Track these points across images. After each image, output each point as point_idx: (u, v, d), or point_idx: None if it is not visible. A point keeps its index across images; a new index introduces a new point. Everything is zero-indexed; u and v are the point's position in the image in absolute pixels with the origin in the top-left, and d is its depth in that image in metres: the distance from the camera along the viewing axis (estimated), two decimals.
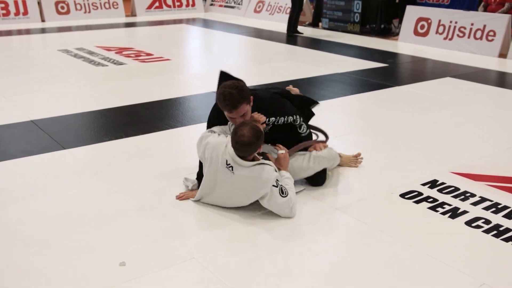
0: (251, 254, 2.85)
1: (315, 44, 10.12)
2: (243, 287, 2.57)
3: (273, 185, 3.13)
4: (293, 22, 10.81)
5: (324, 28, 12.01)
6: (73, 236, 2.99)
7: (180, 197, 3.43)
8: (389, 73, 7.71)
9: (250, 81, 6.99)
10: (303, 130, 3.69)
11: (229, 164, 3.13)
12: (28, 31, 11.30)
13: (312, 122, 4.01)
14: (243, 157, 3.12)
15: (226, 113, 3.26)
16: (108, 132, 4.82)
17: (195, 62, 8.73)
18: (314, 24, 12.49)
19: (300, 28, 11.19)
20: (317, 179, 3.68)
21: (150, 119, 5.18)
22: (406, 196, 3.56)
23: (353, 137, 4.78)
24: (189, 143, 3.83)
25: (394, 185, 3.73)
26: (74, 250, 2.84)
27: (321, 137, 3.95)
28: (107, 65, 7.74)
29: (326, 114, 5.60)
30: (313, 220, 3.23)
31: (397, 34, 10.82)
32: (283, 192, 3.16)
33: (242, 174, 3.12)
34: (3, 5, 12.16)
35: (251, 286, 2.58)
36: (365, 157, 4.27)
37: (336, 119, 5.41)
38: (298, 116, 3.61)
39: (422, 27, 10.12)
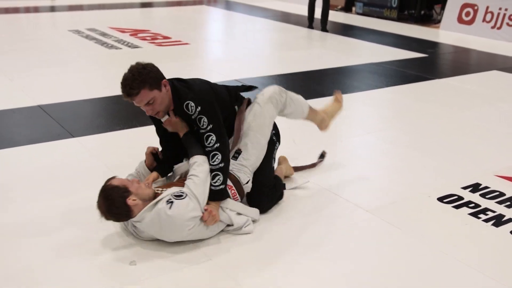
0: (272, 258, 2.85)
1: (347, 30, 10.05)
2: (257, 287, 2.58)
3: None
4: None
5: (358, 14, 11.93)
6: (81, 233, 3.02)
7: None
8: (428, 65, 7.62)
9: (273, 70, 7.05)
10: (209, 143, 2.97)
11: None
12: (36, 9, 11.45)
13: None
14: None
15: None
16: (120, 120, 4.86)
17: (215, 47, 8.75)
18: (347, 8, 12.42)
19: (331, 13, 11.11)
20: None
21: None
22: (444, 200, 3.52)
23: (386, 133, 4.74)
24: None
25: (432, 187, 3.70)
26: (82, 247, 2.88)
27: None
28: (121, 48, 7.80)
29: (358, 107, 5.57)
30: (341, 223, 3.21)
31: (439, 21, 10.68)
32: (177, 197, 2.81)
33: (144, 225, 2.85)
34: None
35: None
36: (400, 156, 4.24)
37: (369, 113, 5.38)
38: (205, 113, 2.95)
39: (467, 14, 9.98)
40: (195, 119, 2.99)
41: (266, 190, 3.26)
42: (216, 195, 2.95)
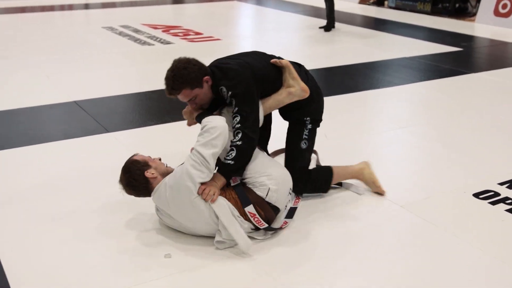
0: (305, 253, 2.86)
1: (379, 25, 9.96)
2: (293, 283, 2.59)
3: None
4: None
5: (391, 7, 11.80)
6: (117, 225, 3.08)
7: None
8: (463, 58, 7.50)
9: (305, 65, 6.97)
10: (233, 123, 2.96)
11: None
12: (71, 7, 11.66)
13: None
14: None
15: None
16: (153, 115, 4.93)
17: (247, 42, 8.77)
18: (379, 2, 12.29)
19: (362, 7, 11.03)
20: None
21: None
22: (480, 196, 3.47)
23: (420, 129, 4.69)
24: None
25: (467, 183, 3.65)
26: (118, 240, 2.94)
27: None
28: (153, 44, 7.89)
29: (391, 102, 5.53)
30: (374, 218, 3.20)
31: (474, 14, 10.50)
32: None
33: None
34: None
35: (301, 285, 2.59)
36: (433, 151, 4.20)
37: (402, 108, 5.33)
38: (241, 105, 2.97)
39: (504, 6, 9.77)
40: (230, 103, 3.04)
41: (298, 171, 3.23)
42: (224, 168, 2.89)
